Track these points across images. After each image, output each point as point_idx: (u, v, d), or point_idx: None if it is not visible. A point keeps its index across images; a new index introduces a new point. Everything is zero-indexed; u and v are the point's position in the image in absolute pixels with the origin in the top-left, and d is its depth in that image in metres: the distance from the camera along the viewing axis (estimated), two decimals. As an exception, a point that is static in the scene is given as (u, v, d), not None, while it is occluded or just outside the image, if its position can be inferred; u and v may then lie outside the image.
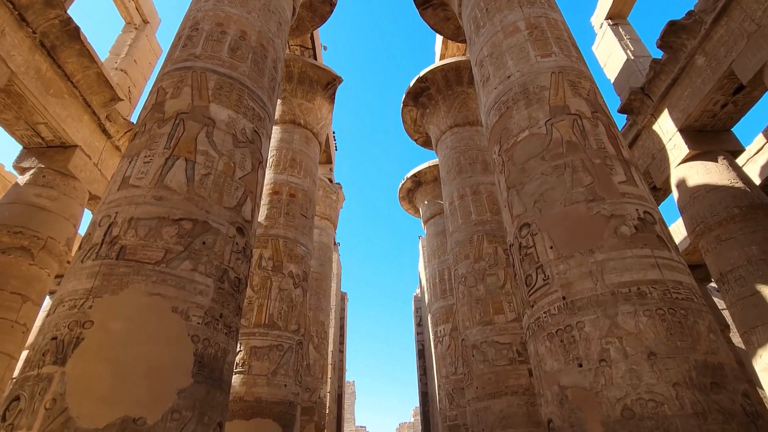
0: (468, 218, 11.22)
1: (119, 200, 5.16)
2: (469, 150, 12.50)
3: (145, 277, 4.59)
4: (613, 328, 4.46)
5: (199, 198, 5.36)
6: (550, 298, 5.09)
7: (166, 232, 4.94)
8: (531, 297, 5.42)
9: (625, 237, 4.98)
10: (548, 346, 4.95)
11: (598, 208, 5.26)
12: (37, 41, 8.97)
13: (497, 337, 9.28)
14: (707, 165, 9.97)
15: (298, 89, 13.28)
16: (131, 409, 3.92)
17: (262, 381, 8.64)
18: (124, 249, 4.72)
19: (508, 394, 8.59)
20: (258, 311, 9.42)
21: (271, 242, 10.45)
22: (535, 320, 5.26)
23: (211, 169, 5.67)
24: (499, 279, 9.99)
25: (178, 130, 5.77)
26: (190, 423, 4.23)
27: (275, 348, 9.11)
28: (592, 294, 4.74)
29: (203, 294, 4.89)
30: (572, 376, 4.55)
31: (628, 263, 4.78)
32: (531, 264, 5.53)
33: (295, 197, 11.46)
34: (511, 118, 6.75)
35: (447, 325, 14.80)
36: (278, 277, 10.02)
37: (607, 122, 6.27)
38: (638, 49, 12.81)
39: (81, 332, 4.17)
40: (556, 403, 4.68)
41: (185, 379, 4.36)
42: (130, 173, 5.42)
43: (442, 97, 13.61)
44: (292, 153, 12.23)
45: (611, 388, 4.21)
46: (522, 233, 5.85)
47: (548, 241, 5.41)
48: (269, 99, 7.38)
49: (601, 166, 5.62)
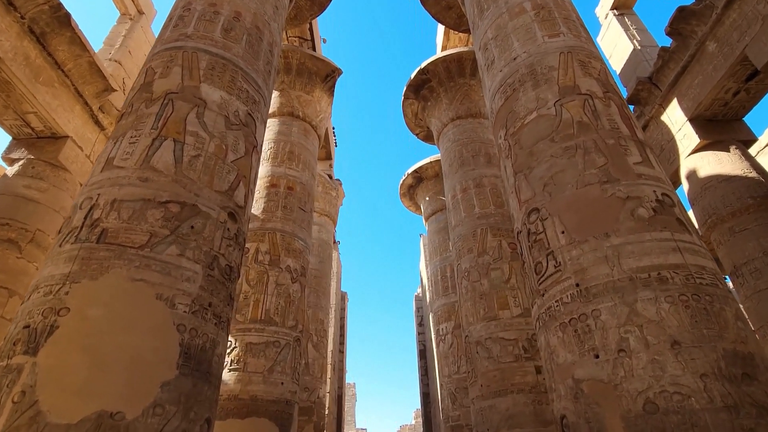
0: (471, 211, 10.88)
1: (102, 182, 4.85)
2: (471, 142, 12.17)
3: (128, 261, 4.27)
4: (633, 316, 4.12)
5: (187, 180, 5.04)
6: (563, 285, 4.75)
7: (151, 215, 4.62)
8: (541, 285, 5.08)
9: (642, 219, 4.65)
10: (561, 336, 4.62)
11: (613, 189, 4.93)
12: (26, 27, 8.67)
13: (502, 333, 8.93)
14: (719, 155, 9.63)
15: (296, 81, 12.98)
16: (108, 402, 3.59)
17: (257, 379, 8.30)
18: (105, 232, 4.39)
19: (514, 392, 8.23)
20: (254, 306, 9.09)
21: (268, 236, 10.13)
22: (545, 310, 4.92)
23: (201, 150, 5.36)
24: (503, 273, 9.65)
25: (167, 110, 5.46)
26: (174, 418, 3.89)
27: (272, 344, 8.77)
28: (608, 280, 4.41)
29: (191, 281, 4.56)
30: (588, 368, 4.22)
31: (646, 247, 4.44)
32: (541, 251, 5.20)
33: (293, 190, 11.14)
34: (517, 100, 6.43)
35: (449, 323, 14.43)
36: (275, 272, 9.69)
37: (620, 102, 5.94)
38: (645, 39, 12.50)
39: (56, 320, 3.84)
40: (570, 398, 4.34)
41: (169, 372, 4.03)
42: (114, 154, 5.10)
43: (444, 90, 13.30)
44: (290, 145, 11.92)
45: (632, 380, 3.87)
46: (531, 219, 5.51)
47: (559, 225, 5.08)
48: (265, 83, 7.06)
49: (615, 147, 5.29)
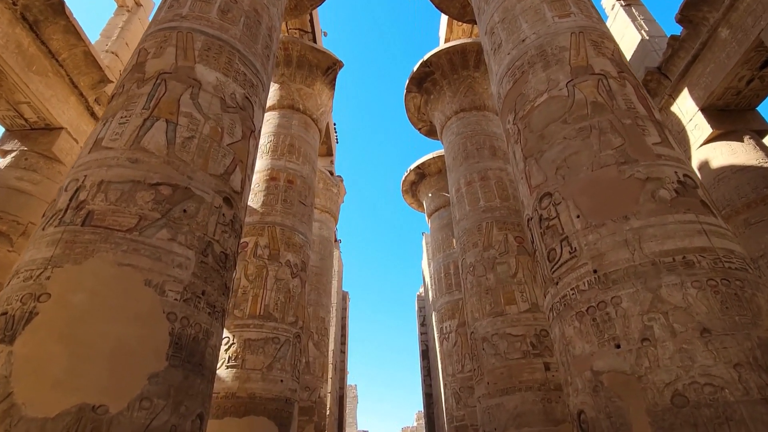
0: (476, 205, 10.59)
1: (89, 163, 4.57)
2: (476, 135, 11.89)
3: (114, 245, 3.99)
4: (657, 303, 3.83)
5: (180, 162, 4.77)
6: (579, 272, 4.46)
7: (140, 197, 4.35)
8: (555, 273, 4.79)
9: (664, 201, 4.35)
10: (577, 326, 4.32)
11: (632, 170, 4.64)
12: (18, 14, 8.43)
13: (509, 328, 8.62)
14: (732, 145, 9.32)
15: (297, 74, 12.73)
16: (90, 395, 3.31)
17: (256, 376, 8.01)
18: (91, 214, 4.12)
19: (522, 390, 7.92)
20: (253, 302, 8.80)
21: (268, 230, 9.85)
22: (560, 299, 4.63)
23: (195, 132, 5.08)
24: (510, 267, 9.35)
25: (159, 90, 5.19)
26: (162, 413, 3.61)
27: (271, 341, 8.48)
28: (629, 265, 4.12)
29: (182, 267, 4.28)
30: (608, 359, 3.92)
31: (669, 230, 4.15)
32: (554, 237, 4.91)
33: (293, 184, 10.87)
34: (526, 83, 6.15)
35: (453, 321, 14.12)
36: (274, 266, 9.40)
37: (635, 83, 5.66)
38: (653, 29, 12.21)
39: (35, 306, 3.57)
40: (588, 392, 4.04)
41: (158, 363, 3.75)
42: (103, 135, 4.83)
43: (447, 82, 13.03)
44: (291, 138, 11.66)
45: (657, 372, 3.57)
46: (543, 204, 5.23)
47: (574, 210, 4.79)
48: (263, 67, 6.80)
49: (632, 127, 5.00)
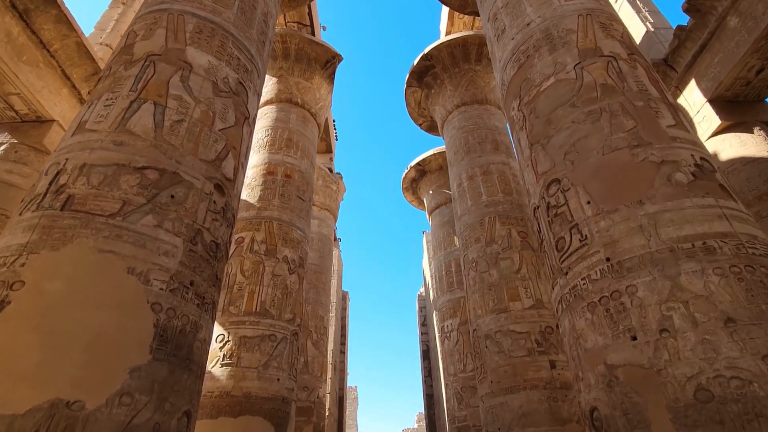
0: (478, 199, 10.33)
1: (71, 146, 4.33)
2: (478, 129, 11.64)
3: (96, 231, 3.74)
4: (676, 291, 3.57)
5: (168, 146, 4.52)
6: (590, 260, 4.21)
7: (125, 181, 4.10)
8: (564, 263, 4.53)
9: (681, 185, 4.10)
10: (589, 318, 4.06)
11: (645, 153, 4.39)
12: (8, 2, 8.21)
13: (513, 325, 8.36)
14: (742, 137, 9.07)
15: (295, 67, 12.49)
16: (65, 389, 3.05)
17: (252, 374, 7.74)
18: (71, 198, 3.87)
19: (528, 389, 7.65)
20: (249, 298, 8.54)
21: (265, 224, 9.60)
22: (570, 289, 4.37)
23: (185, 116, 4.84)
24: (513, 263, 9.08)
25: (148, 72, 4.95)
26: (145, 409, 3.35)
27: (267, 338, 8.22)
28: (644, 252, 3.86)
29: (169, 255, 4.03)
30: (624, 353, 3.66)
31: (688, 214, 3.90)
32: (563, 225, 4.66)
33: (291, 178, 10.62)
34: (532, 67, 5.91)
35: (455, 320, 13.85)
36: (271, 262, 9.15)
37: (646, 65, 5.41)
38: (658, 20, 11.97)
39: (7, 294, 3.31)
40: (602, 387, 3.78)
41: (141, 356, 3.49)
42: (87, 117, 4.59)
43: (448, 76, 12.79)
44: (288, 132, 11.41)
45: (678, 365, 3.32)
46: (550, 191, 4.97)
47: (584, 195, 4.54)
48: (258, 53, 6.56)
49: (644, 109, 4.75)
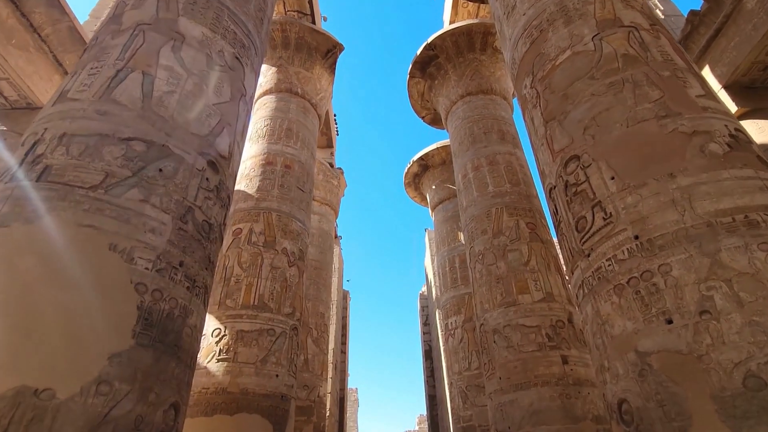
0: (484, 190, 9.99)
1: (51, 115, 3.99)
2: (483, 119, 11.30)
3: (75, 203, 3.40)
4: (716, 269, 3.22)
5: (157, 117, 4.18)
6: (616, 239, 3.86)
7: (108, 152, 3.76)
8: (586, 244, 4.18)
9: (716, 156, 3.76)
10: (616, 302, 3.71)
11: (675, 124, 4.04)
12: (-4, -18, 7.90)
13: (523, 319, 8.00)
14: (760, 123, 8.73)
15: (295, 57, 12.17)
16: (33, 376, 2.71)
17: (249, 370, 7.38)
18: (48, 169, 3.53)
19: (539, 385, 7.29)
20: (246, 291, 8.19)
21: (263, 216, 9.25)
22: (593, 272, 4.02)
23: (176, 87, 4.50)
24: (522, 255, 8.73)
25: (137, 42, 4.62)
26: (126, 400, 3.00)
27: (265, 332, 7.86)
28: (678, 228, 3.51)
29: (156, 233, 3.68)
30: (658, 338, 3.31)
31: (725, 187, 3.55)
32: (584, 203, 4.31)
33: (290, 169, 10.28)
34: (546, 41, 5.57)
35: (459, 317, 13.49)
36: (270, 254, 8.80)
37: (670, 36, 5.07)
38: (668, 8, 11.64)
39: (-27, 270, 2.97)
40: (632, 377, 3.42)
41: (122, 340, 3.15)
42: (69, 87, 4.25)
43: (452, 66, 12.46)
44: (288, 123, 11.08)
45: (723, 349, 2.96)
46: (568, 169, 4.63)
47: (607, 171, 4.19)
48: (256, 30, 6.23)
49: (671, 79, 4.41)
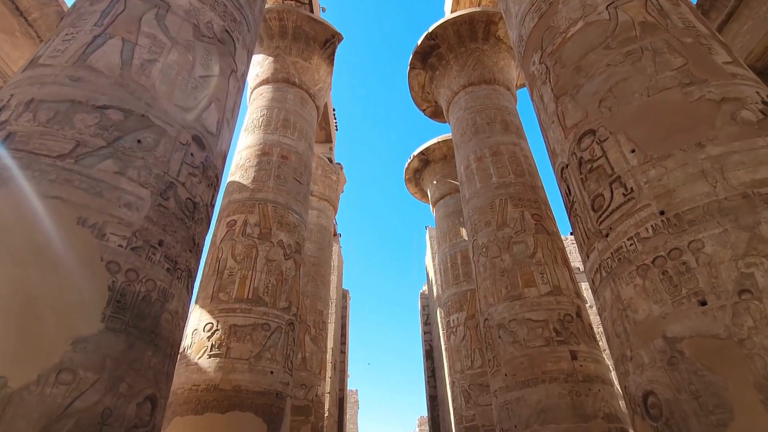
0: (488, 181, 9.65)
1: (20, 81, 3.65)
2: (486, 109, 10.97)
3: (40, 173, 3.06)
4: (756, 244, 2.88)
5: (137, 86, 3.84)
6: (639, 216, 3.52)
7: (80, 119, 3.42)
8: (604, 223, 3.84)
9: (749, 123, 3.42)
10: (640, 284, 3.37)
11: (701, 92, 3.71)
12: (-20, -38, 7.59)
13: (529, 313, 7.65)
14: (774, 110, 8.38)
15: (292, 46, 11.85)
16: (-19, 360, 2.37)
17: (242, 366, 7.03)
18: (11, 136, 3.19)
19: (546, 382, 6.93)
20: (240, 284, 7.84)
21: (258, 207, 8.91)
22: (612, 254, 3.68)
23: (158, 55, 4.17)
24: (528, 247, 8.38)
25: (117, 8, 4.28)
26: (92, 390, 2.65)
27: (260, 327, 7.51)
28: (710, 200, 3.17)
29: (132, 208, 3.34)
30: (690, 321, 2.96)
31: (762, 155, 3.21)
32: (600, 180, 3.97)
33: (287, 159, 9.94)
34: (555, 14, 5.24)
35: (461, 314, 13.13)
36: (265, 246, 8.45)
37: (690, 4, 4.74)
38: (676, -5, 11.30)
39: None
40: (660, 366, 3.07)
41: (89, 324, 2.80)
42: (42, 53, 3.92)
43: (454, 56, 12.14)
44: (285, 113, 10.75)
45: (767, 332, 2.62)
46: (582, 145, 4.29)
47: (627, 143, 3.86)
48: (248, 4, 5.90)
49: (694, 45, 4.08)
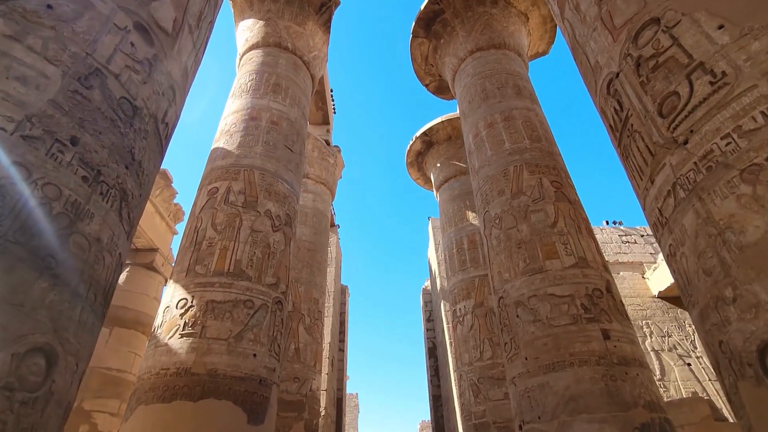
0: (500, 147, 8.68)
1: None
2: (496, 74, 10.02)
3: None
4: None
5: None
6: (739, 105, 2.55)
7: (-38, -34, 2.46)
8: (679, 128, 2.87)
9: None
10: (748, 192, 2.39)
11: (814, -57, 2.74)
12: None
13: (552, 288, 6.65)
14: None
15: (285, 10, 10.94)
16: None
17: (220, 347, 6.02)
18: None
19: (576, 365, 5.92)
20: (220, 256, 6.85)
21: (244, 173, 7.94)
22: (697, 162, 2.71)
23: None
24: (548, 215, 7.40)
25: None
26: None
27: (242, 304, 6.51)
28: None
29: (29, 84, 2.38)
30: None
31: None
32: (672, 75, 3.00)
33: (277, 125, 8.99)
34: None
35: (469, 302, 12.11)
36: (251, 216, 7.47)
37: None
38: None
39: None
40: (791, 301, 2.09)
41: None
42: None
43: (460, 21, 11.22)
44: (276, 77, 9.81)
45: None
46: (641, 41, 3.32)
47: (710, 20, 2.89)
48: None
49: None
